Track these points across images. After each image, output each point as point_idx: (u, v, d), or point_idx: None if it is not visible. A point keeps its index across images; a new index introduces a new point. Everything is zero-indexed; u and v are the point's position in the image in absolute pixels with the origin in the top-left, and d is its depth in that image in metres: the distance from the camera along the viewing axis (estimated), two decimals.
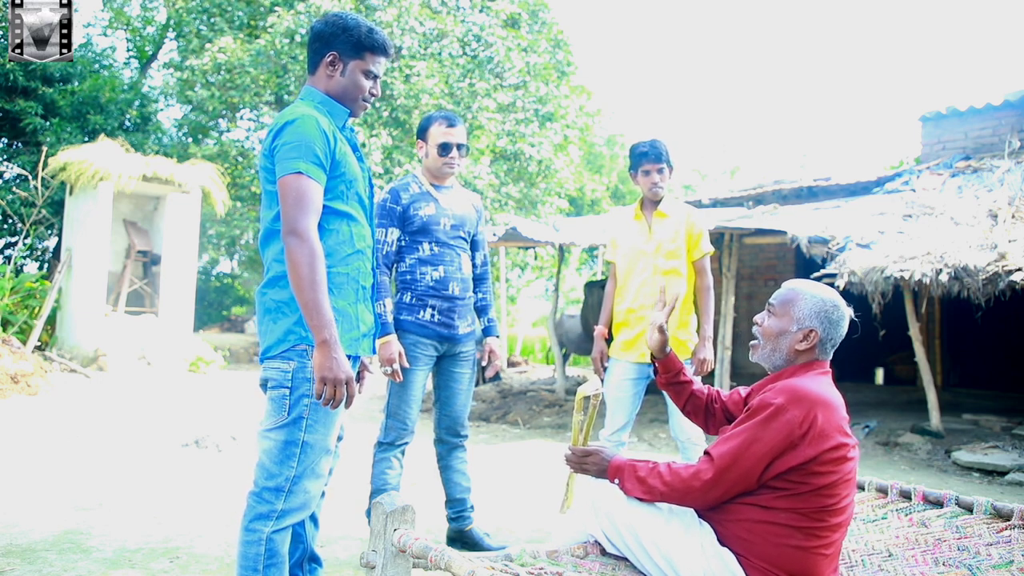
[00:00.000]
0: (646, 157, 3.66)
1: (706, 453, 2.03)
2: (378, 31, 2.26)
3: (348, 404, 2.08)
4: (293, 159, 2.07)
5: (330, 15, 2.27)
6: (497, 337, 3.56)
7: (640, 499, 2.08)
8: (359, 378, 2.49)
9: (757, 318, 2.21)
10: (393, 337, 3.21)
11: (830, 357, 2.16)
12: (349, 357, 2.20)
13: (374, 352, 2.36)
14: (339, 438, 2.42)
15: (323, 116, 2.19)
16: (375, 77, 2.28)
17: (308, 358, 2.10)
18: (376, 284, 3.24)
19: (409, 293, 3.32)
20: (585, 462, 2.22)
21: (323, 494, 2.38)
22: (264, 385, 2.19)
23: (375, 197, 3.20)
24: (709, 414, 2.46)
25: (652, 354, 2.54)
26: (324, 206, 2.16)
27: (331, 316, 2.01)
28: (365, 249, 2.28)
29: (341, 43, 2.22)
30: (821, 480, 1.95)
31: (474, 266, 3.49)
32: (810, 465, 1.94)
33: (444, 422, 3.45)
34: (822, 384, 2.05)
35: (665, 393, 3.64)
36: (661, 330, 2.49)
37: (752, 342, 2.22)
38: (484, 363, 3.51)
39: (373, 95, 2.30)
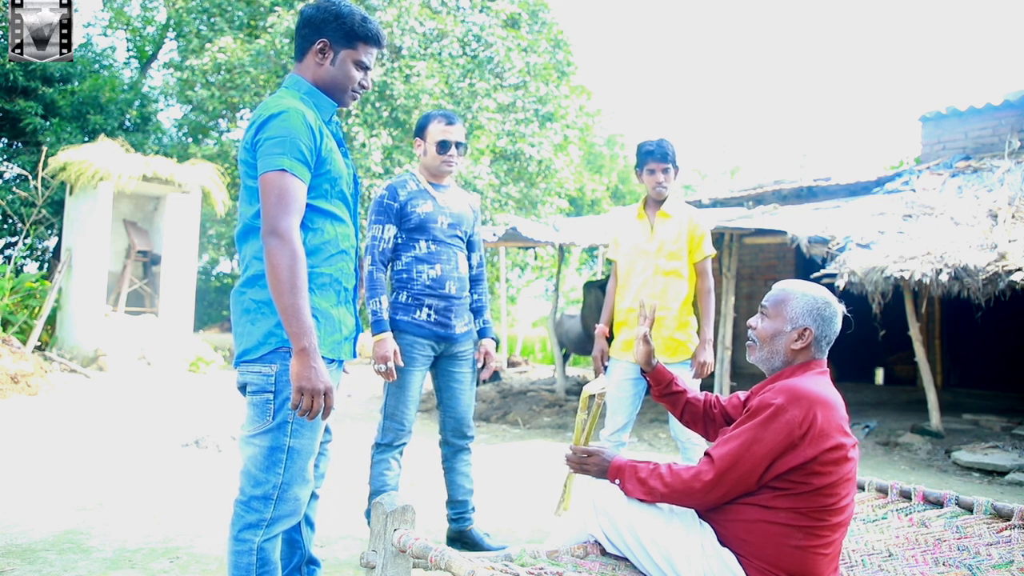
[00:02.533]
0: (652, 156, 3.66)
1: (706, 454, 2.03)
2: (372, 20, 2.17)
3: (326, 415, 1.98)
4: (277, 155, 1.97)
5: (322, 1, 2.14)
6: (493, 339, 3.54)
7: (640, 500, 2.08)
8: None
9: (751, 321, 2.21)
10: (389, 335, 3.20)
11: (826, 355, 2.16)
12: (331, 361, 2.13)
13: (355, 356, 2.29)
14: (327, 440, 2.38)
15: (309, 109, 2.08)
16: (366, 68, 2.18)
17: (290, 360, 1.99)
18: (372, 282, 3.25)
19: (405, 292, 3.30)
20: (586, 462, 2.22)
21: (315, 496, 2.35)
22: (243, 389, 2.11)
23: (374, 196, 3.19)
24: (708, 420, 2.46)
25: (641, 367, 2.54)
26: (308, 204, 2.06)
27: (311, 323, 1.92)
28: (349, 250, 2.20)
29: (333, 30, 2.11)
30: (821, 480, 1.95)
31: (470, 267, 3.48)
32: (810, 465, 1.94)
33: (450, 424, 3.44)
34: (821, 383, 2.05)
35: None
36: (646, 340, 2.50)
37: (748, 343, 2.23)
38: (480, 364, 3.49)
39: (363, 87, 2.20)
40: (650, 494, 2.06)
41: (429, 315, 3.29)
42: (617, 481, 2.13)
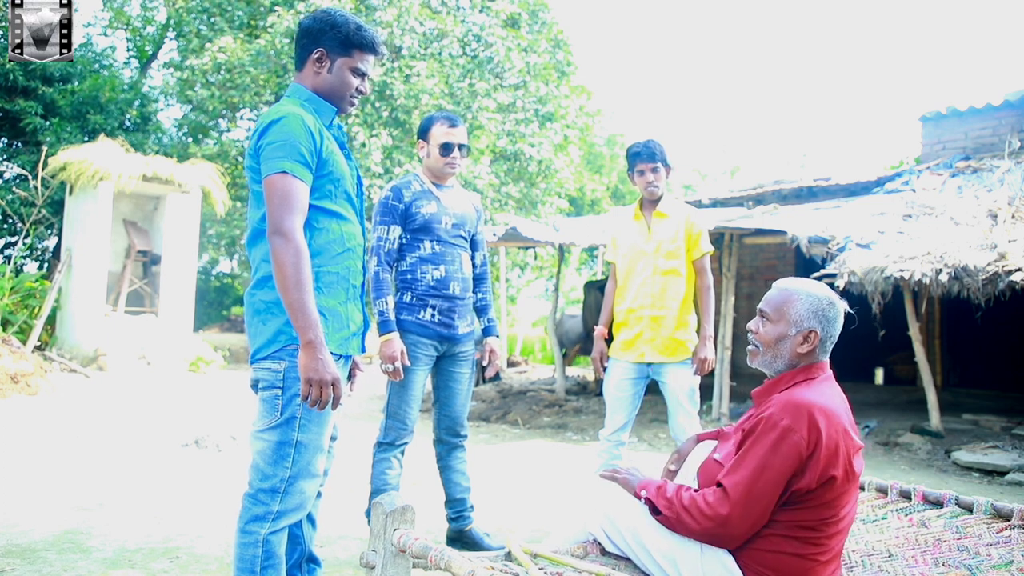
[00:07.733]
0: (639, 157, 3.67)
1: (719, 484, 1.96)
2: (367, 28, 2.22)
3: (335, 405, 2.05)
4: (278, 159, 2.05)
5: (319, 11, 2.22)
6: (497, 337, 3.55)
7: (660, 514, 2.04)
8: (351, 377, 2.45)
9: (751, 325, 2.13)
10: (395, 335, 3.21)
11: (828, 354, 2.11)
12: (340, 357, 2.19)
13: (363, 351, 2.34)
14: (333, 438, 2.41)
15: (309, 114, 2.15)
16: (363, 75, 2.25)
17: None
18: (378, 282, 3.26)
19: (409, 293, 3.32)
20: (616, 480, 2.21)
21: (319, 494, 2.37)
22: (255, 386, 2.18)
23: (375, 196, 3.21)
24: None
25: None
26: (313, 205, 2.14)
27: (316, 317, 2.00)
28: (356, 248, 2.26)
29: (329, 40, 2.18)
30: (822, 497, 1.93)
31: (474, 266, 3.49)
32: (817, 486, 1.91)
33: (443, 422, 3.45)
34: (823, 393, 1.99)
35: (664, 394, 3.65)
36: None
37: (750, 348, 2.14)
38: (484, 363, 3.51)
39: (361, 93, 2.27)
40: (669, 507, 2.00)
41: (433, 315, 3.30)
42: (644, 493, 2.09)
